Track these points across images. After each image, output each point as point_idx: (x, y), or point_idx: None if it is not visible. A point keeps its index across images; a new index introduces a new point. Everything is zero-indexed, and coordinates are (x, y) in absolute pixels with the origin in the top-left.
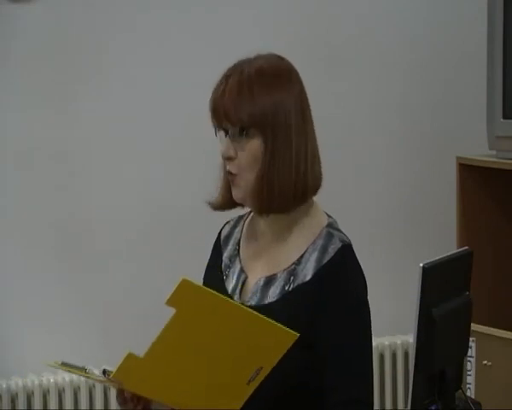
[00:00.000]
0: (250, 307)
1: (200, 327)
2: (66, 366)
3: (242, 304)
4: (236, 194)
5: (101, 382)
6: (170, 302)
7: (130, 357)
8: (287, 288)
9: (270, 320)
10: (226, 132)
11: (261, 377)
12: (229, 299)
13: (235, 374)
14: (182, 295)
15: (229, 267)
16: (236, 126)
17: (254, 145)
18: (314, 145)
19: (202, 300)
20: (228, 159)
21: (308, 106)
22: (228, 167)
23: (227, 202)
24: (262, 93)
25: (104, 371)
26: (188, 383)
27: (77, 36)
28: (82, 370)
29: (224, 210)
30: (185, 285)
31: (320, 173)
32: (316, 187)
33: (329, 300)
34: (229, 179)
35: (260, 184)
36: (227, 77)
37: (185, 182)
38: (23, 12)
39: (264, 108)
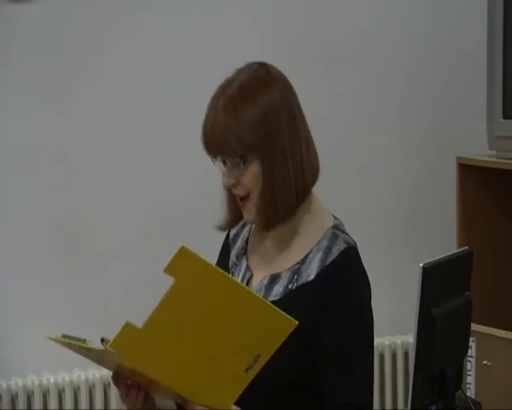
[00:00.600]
0: None
1: (199, 300)
2: (67, 337)
3: None
4: (248, 217)
5: (97, 358)
6: (168, 270)
7: (128, 326)
8: (290, 287)
9: (270, 304)
10: (223, 162)
11: (260, 366)
12: (227, 273)
13: (234, 358)
14: (180, 263)
15: (235, 265)
16: (233, 157)
17: (254, 168)
18: (307, 138)
19: (201, 270)
20: (230, 187)
21: (296, 102)
22: (234, 193)
23: (236, 218)
24: (247, 107)
25: (102, 340)
26: (185, 362)
27: (77, 36)
28: (82, 341)
29: (233, 227)
30: (184, 253)
31: (317, 163)
32: (314, 178)
33: (332, 300)
34: (238, 204)
35: (264, 200)
36: (213, 106)
37: (185, 182)
38: (23, 12)
39: (252, 122)
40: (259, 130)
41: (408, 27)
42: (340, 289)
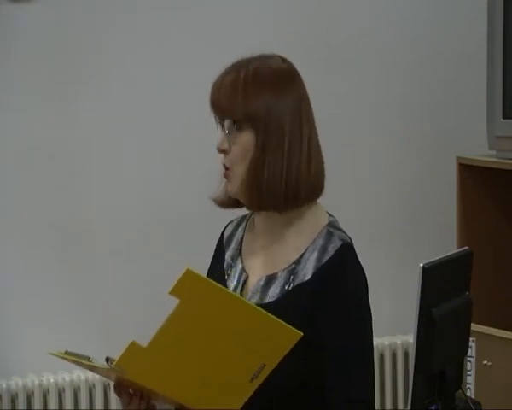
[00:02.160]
0: None
1: (204, 319)
2: (70, 354)
3: None
4: (230, 188)
5: (101, 372)
6: (173, 292)
7: (134, 346)
8: (287, 287)
9: (274, 317)
10: (223, 126)
11: (264, 375)
12: (232, 293)
13: (239, 370)
14: (186, 286)
15: (231, 267)
16: (230, 119)
17: (246, 139)
18: (311, 149)
19: (206, 291)
20: (222, 152)
21: (308, 109)
22: (222, 161)
23: (229, 200)
24: (255, 94)
25: (107, 359)
26: (191, 376)
27: (77, 36)
28: (85, 358)
29: (228, 208)
30: (189, 276)
31: (319, 177)
32: (314, 192)
33: (329, 300)
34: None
35: (249, 177)
36: (226, 73)
37: (185, 182)
38: (23, 12)
39: (256, 108)
40: (260, 116)
41: (408, 27)
42: (335, 288)
